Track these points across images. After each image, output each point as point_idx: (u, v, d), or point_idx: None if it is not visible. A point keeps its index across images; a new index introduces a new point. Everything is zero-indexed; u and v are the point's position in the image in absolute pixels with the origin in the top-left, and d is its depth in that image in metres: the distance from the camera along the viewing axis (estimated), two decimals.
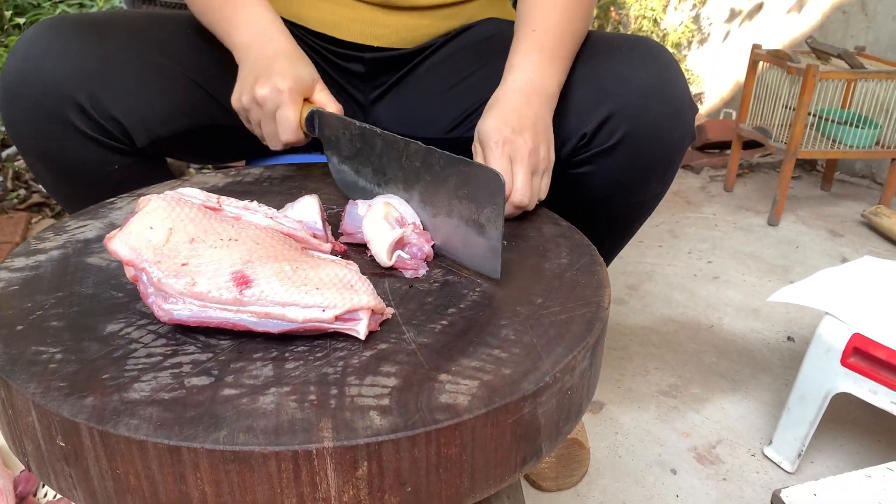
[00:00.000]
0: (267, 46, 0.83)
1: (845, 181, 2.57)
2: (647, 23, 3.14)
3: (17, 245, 1.86)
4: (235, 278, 0.53)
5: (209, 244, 0.56)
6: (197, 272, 0.53)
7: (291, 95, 0.78)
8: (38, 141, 0.84)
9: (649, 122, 0.84)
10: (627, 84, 0.84)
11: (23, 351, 0.52)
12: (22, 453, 0.52)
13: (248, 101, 0.80)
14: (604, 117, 0.84)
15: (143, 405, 0.47)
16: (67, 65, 0.82)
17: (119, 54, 0.85)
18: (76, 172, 0.87)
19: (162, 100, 0.87)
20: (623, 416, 1.32)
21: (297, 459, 0.44)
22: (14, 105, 0.83)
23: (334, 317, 0.53)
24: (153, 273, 0.53)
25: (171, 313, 0.53)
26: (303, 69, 0.81)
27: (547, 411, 0.52)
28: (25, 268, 0.65)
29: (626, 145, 0.85)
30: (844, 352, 1.09)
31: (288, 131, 0.80)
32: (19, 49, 0.83)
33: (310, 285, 0.54)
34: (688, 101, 0.86)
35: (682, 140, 0.87)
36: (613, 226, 0.97)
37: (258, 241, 0.58)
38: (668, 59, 0.86)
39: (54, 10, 3.78)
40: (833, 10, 2.61)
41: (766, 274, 1.89)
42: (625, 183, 0.89)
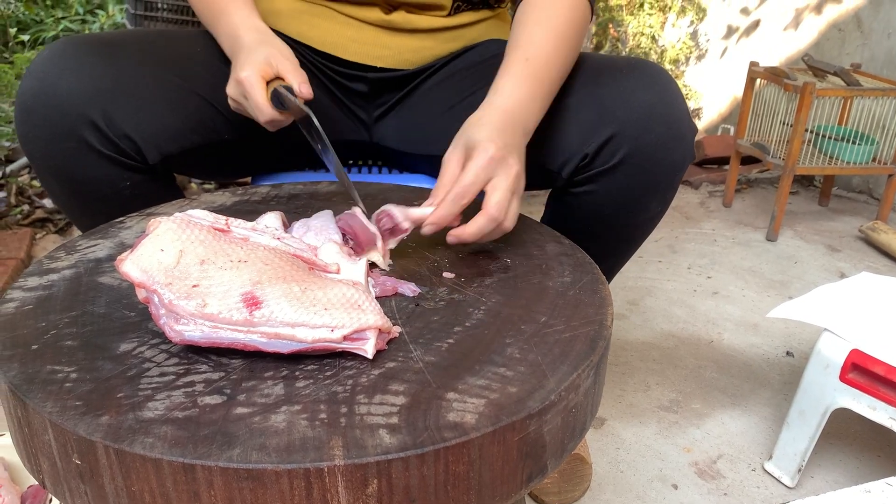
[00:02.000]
0: (236, 48, 0.89)
1: (843, 196, 2.59)
2: (645, 40, 3.17)
3: (21, 261, 1.87)
4: (245, 299, 0.55)
5: (219, 265, 0.57)
6: (208, 293, 0.54)
7: (249, 80, 0.83)
8: (53, 158, 0.86)
9: (650, 144, 0.85)
10: (629, 106, 0.85)
11: (38, 370, 0.53)
12: (37, 471, 0.53)
13: (232, 102, 0.88)
14: (605, 138, 0.85)
15: (158, 424, 0.48)
16: (82, 84, 0.83)
17: (132, 73, 0.87)
18: (89, 189, 0.88)
19: (173, 117, 0.89)
20: (624, 431, 1.33)
21: (308, 477, 0.45)
22: (29, 123, 0.84)
23: (342, 336, 0.55)
24: (164, 295, 0.54)
25: (183, 334, 0.54)
26: (259, 53, 0.85)
27: (552, 429, 0.53)
28: (39, 287, 0.66)
29: (628, 166, 0.86)
30: (843, 367, 1.10)
31: (260, 113, 0.84)
32: (35, 68, 0.84)
33: (318, 306, 0.55)
34: (688, 123, 0.88)
35: (682, 161, 0.89)
36: (615, 244, 0.98)
37: (267, 261, 0.59)
38: (668, 82, 0.88)
39: (57, 27, 3.81)
40: (829, 27, 2.64)
41: (765, 289, 1.90)
42: (626, 202, 0.90)
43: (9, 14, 3.63)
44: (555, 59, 0.86)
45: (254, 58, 0.84)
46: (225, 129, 0.95)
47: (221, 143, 0.96)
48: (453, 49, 1.07)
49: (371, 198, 0.89)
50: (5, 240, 1.97)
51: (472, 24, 1.08)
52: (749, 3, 2.94)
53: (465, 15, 1.06)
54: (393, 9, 1.01)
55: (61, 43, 0.86)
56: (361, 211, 0.74)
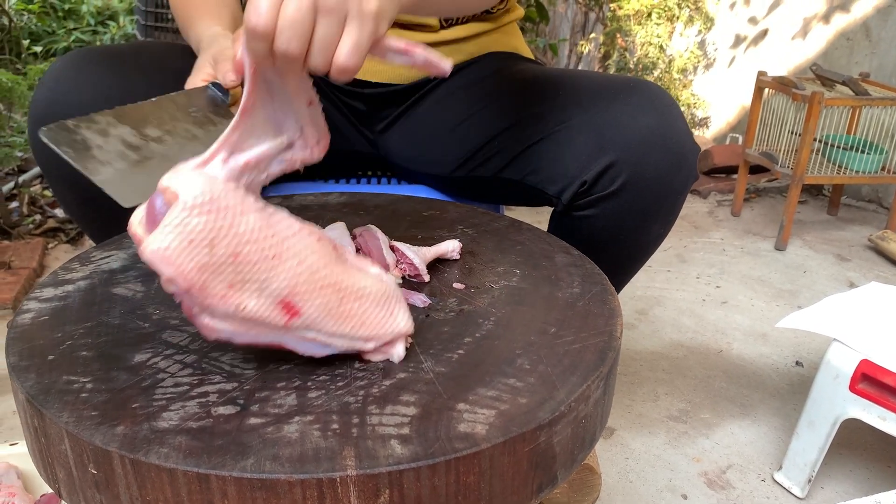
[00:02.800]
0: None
1: (852, 206, 2.59)
2: (652, 49, 3.17)
3: (33, 270, 1.89)
4: (283, 305, 0.53)
5: (253, 262, 0.53)
6: (244, 295, 0.52)
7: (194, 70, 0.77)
8: (64, 167, 0.87)
9: (651, 169, 0.85)
10: (628, 132, 0.84)
11: (55, 380, 0.54)
12: (53, 480, 0.54)
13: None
14: (604, 166, 0.85)
15: (173, 434, 0.49)
16: (93, 95, 0.85)
17: (142, 84, 0.88)
18: (101, 198, 0.89)
19: None
20: (634, 441, 1.33)
21: (321, 487, 0.46)
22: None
23: (374, 348, 0.57)
24: (199, 295, 0.51)
25: (218, 332, 0.53)
26: (202, 57, 0.80)
27: (562, 440, 0.53)
28: (54, 298, 0.67)
29: (628, 192, 0.86)
30: (853, 378, 1.10)
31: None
32: (48, 79, 0.86)
33: (355, 320, 0.56)
34: (689, 145, 0.87)
35: (684, 184, 0.88)
36: (618, 264, 0.98)
37: (300, 258, 0.55)
38: (668, 103, 0.87)
39: (69, 38, 3.84)
40: (837, 36, 2.64)
41: (773, 299, 1.90)
42: (626, 226, 0.90)
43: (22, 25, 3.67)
44: None
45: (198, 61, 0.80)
46: None
47: None
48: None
49: (381, 209, 0.90)
50: (18, 249, 1.99)
51: (469, 39, 1.07)
52: (757, 13, 2.94)
53: (458, 29, 1.05)
54: None
55: (73, 55, 0.88)
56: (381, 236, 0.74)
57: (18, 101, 2.08)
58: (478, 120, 1.00)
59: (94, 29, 4.01)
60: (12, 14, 3.48)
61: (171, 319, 0.63)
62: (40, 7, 3.89)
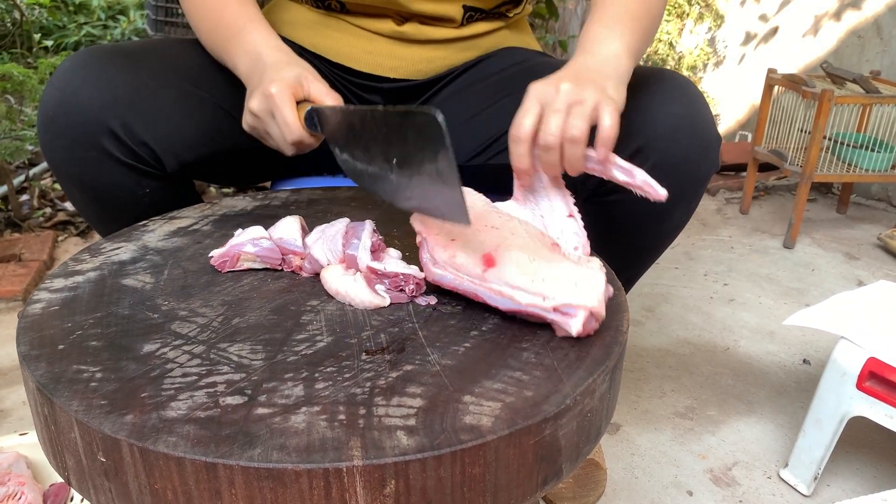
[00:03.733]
0: (257, 67, 0.85)
1: (861, 204, 2.58)
2: (662, 46, 3.16)
3: (43, 262, 1.90)
4: (485, 258, 0.64)
5: (476, 227, 0.68)
6: (459, 248, 0.65)
7: (280, 96, 0.78)
8: (74, 165, 0.88)
9: (678, 155, 0.86)
10: (656, 118, 0.85)
11: (65, 369, 0.55)
12: (62, 468, 0.54)
13: (250, 118, 0.83)
14: (633, 150, 0.86)
15: (181, 423, 0.49)
16: (102, 94, 0.85)
17: (150, 83, 0.89)
18: (109, 196, 0.90)
19: (190, 126, 0.90)
20: (639, 437, 1.33)
21: (328, 477, 0.46)
22: (51, 132, 0.86)
23: (552, 307, 0.59)
24: (429, 242, 0.67)
25: (435, 274, 0.66)
26: (288, 71, 0.81)
27: (567, 433, 0.54)
28: (64, 288, 0.67)
29: (655, 176, 0.87)
30: (860, 376, 1.09)
31: (289, 131, 0.79)
32: (58, 78, 0.86)
33: (538, 276, 0.61)
34: (714, 134, 0.89)
35: (708, 171, 0.89)
36: (638, 252, 0.99)
37: (514, 231, 0.68)
38: (695, 93, 0.89)
39: (79, 32, 3.86)
40: (848, 34, 2.63)
41: (781, 296, 1.89)
42: (652, 211, 0.91)
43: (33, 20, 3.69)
44: (643, 19, 0.87)
45: (283, 75, 0.81)
46: (241, 137, 0.97)
47: (238, 150, 0.97)
48: (467, 58, 1.08)
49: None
50: (28, 242, 2.00)
51: (487, 34, 1.08)
52: (768, 10, 2.93)
53: (477, 25, 1.07)
54: (405, 20, 1.02)
55: (83, 53, 0.88)
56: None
57: (29, 95, 2.10)
58: (498, 109, 1.01)
59: (105, 23, 4.03)
60: (24, 8, 3.49)
61: (179, 310, 0.64)
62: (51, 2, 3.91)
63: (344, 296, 0.67)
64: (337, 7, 1.03)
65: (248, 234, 0.73)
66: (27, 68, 2.15)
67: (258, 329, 0.61)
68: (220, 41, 0.92)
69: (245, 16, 0.91)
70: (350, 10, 1.03)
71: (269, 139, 0.84)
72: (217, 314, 0.64)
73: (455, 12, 1.02)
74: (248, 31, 0.89)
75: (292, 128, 0.79)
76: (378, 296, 0.66)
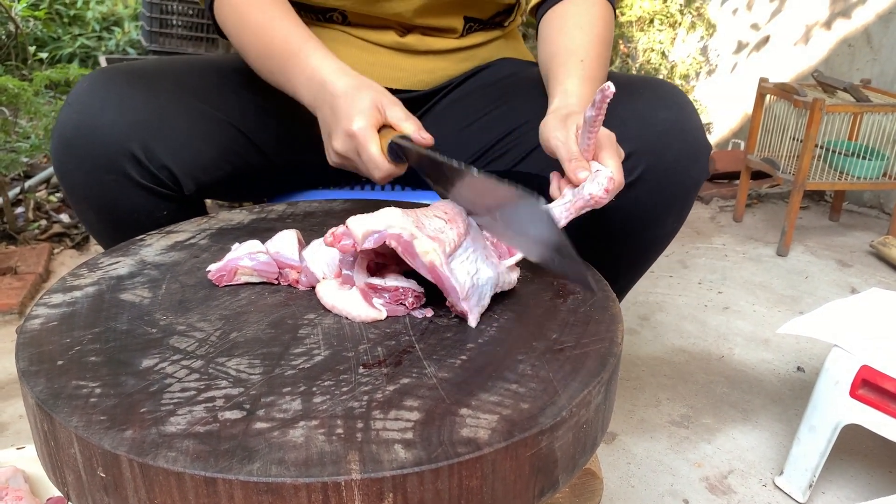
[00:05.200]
0: (324, 97, 0.82)
1: (853, 211, 2.59)
2: (655, 56, 3.18)
3: (39, 275, 1.90)
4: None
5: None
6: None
7: (362, 135, 0.77)
8: (93, 189, 0.87)
9: (669, 161, 0.87)
10: (647, 124, 0.87)
11: (64, 385, 0.55)
12: (62, 483, 0.54)
13: (337, 158, 0.82)
14: (625, 155, 0.87)
15: (180, 438, 0.49)
16: (123, 118, 0.85)
17: (169, 106, 0.89)
18: (128, 219, 0.90)
19: (209, 147, 0.91)
20: (635, 446, 1.34)
21: (326, 491, 0.46)
22: (69, 155, 0.86)
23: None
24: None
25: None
26: (364, 103, 0.79)
27: (563, 444, 0.54)
28: (63, 304, 0.68)
29: (646, 182, 0.88)
30: (853, 384, 1.10)
31: (377, 168, 0.78)
32: (75, 101, 0.86)
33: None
34: (703, 141, 0.90)
35: (698, 178, 0.90)
36: (630, 259, 1.00)
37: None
38: (685, 101, 0.90)
39: (74, 43, 3.86)
40: (839, 43, 2.65)
41: (775, 304, 1.90)
42: (643, 218, 0.92)
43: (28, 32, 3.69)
44: (600, 58, 0.90)
45: (360, 106, 0.78)
46: (256, 156, 0.98)
47: (253, 170, 0.98)
48: (466, 69, 1.09)
49: None
50: (24, 255, 2.00)
51: (484, 45, 1.10)
52: (759, 19, 2.95)
53: (476, 35, 1.09)
54: (407, 31, 1.04)
55: (99, 75, 0.88)
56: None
57: (24, 107, 2.10)
58: (494, 117, 1.02)
59: (100, 35, 4.04)
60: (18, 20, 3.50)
61: (177, 325, 0.64)
62: (46, 14, 3.92)
63: (340, 310, 0.67)
64: (339, 19, 1.04)
65: (245, 247, 0.73)
66: (22, 80, 2.15)
67: (256, 343, 0.62)
68: (274, 67, 0.89)
69: (298, 36, 0.88)
70: (352, 21, 1.04)
71: (359, 171, 0.83)
72: (215, 328, 0.64)
73: (457, 23, 1.04)
74: (305, 53, 0.86)
75: (380, 165, 0.78)
76: (374, 309, 0.66)
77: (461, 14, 1.04)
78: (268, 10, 0.90)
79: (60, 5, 4.05)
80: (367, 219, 0.64)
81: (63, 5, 4.06)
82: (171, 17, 2.86)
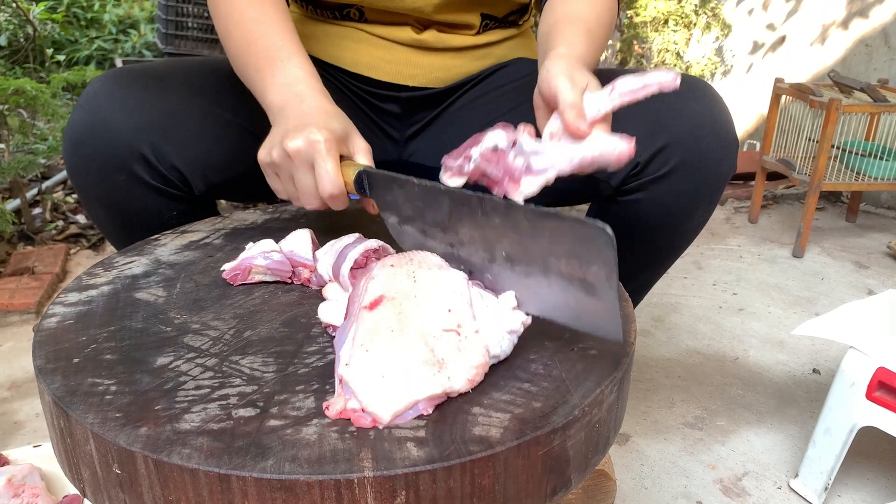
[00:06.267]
0: (300, 105, 0.79)
1: (870, 212, 2.57)
2: (670, 56, 3.17)
3: (56, 275, 1.91)
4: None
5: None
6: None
7: (328, 146, 0.71)
8: (103, 189, 0.88)
9: (701, 153, 0.88)
10: (681, 116, 0.88)
11: (80, 383, 0.56)
12: (78, 480, 0.55)
13: (279, 155, 0.74)
14: (658, 147, 0.88)
15: (194, 435, 0.50)
16: (132, 118, 0.86)
17: (179, 106, 0.89)
18: (137, 219, 0.91)
19: (218, 149, 0.92)
20: (649, 448, 1.33)
21: (339, 488, 0.47)
22: (79, 155, 0.87)
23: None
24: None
25: None
26: (337, 123, 0.75)
27: (576, 444, 0.54)
28: (79, 302, 0.68)
29: (678, 174, 0.88)
30: (869, 386, 1.09)
31: (330, 184, 0.72)
32: (86, 101, 0.87)
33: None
34: (734, 135, 0.91)
35: (728, 170, 0.92)
36: (656, 254, 1.00)
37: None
38: (716, 95, 0.91)
39: (91, 46, 3.90)
40: (856, 43, 2.63)
41: (791, 306, 1.89)
42: (673, 210, 0.92)
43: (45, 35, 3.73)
44: (606, 31, 0.89)
45: (331, 125, 0.74)
46: None
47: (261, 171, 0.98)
48: (483, 67, 1.09)
49: None
50: (41, 255, 2.02)
51: (500, 42, 1.10)
52: (775, 19, 2.94)
53: (493, 33, 1.09)
54: (424, 28, 1.04)
55: (109, 76, 0.89)
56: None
57: (42, 109, 2.12)
58: (512, 116, 1.02)
59: (116, 37, 4.07)
60: (36, 23, 3.53)
61: (192, 324, 0.65)
62: (63, 16, 3.95)
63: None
64: (356, 16, 1.04)
65: (258, 247, 0.74)
66: (40, 83, 2.17)
67: (269, 342, 0.62)
68: (252, 61, 0.86)
69: (291, 44, 0.85)
70: (369, 19, 1.04)
71: (287, 183, 0.76)
72: (229, 327, 0.65)
73: (474, 19, 1.04)
74: (293, 63, 0.83)
75: (334, 181, 0.72)
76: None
77: (478, 10, 1.04)
78: (264, 8, 0.88)
79: (78, 8, 4.09)
80: (392, 399, 0.52)
81: (80, 8, 4.10)
82: (187, 20, 2.88)
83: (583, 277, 0.56)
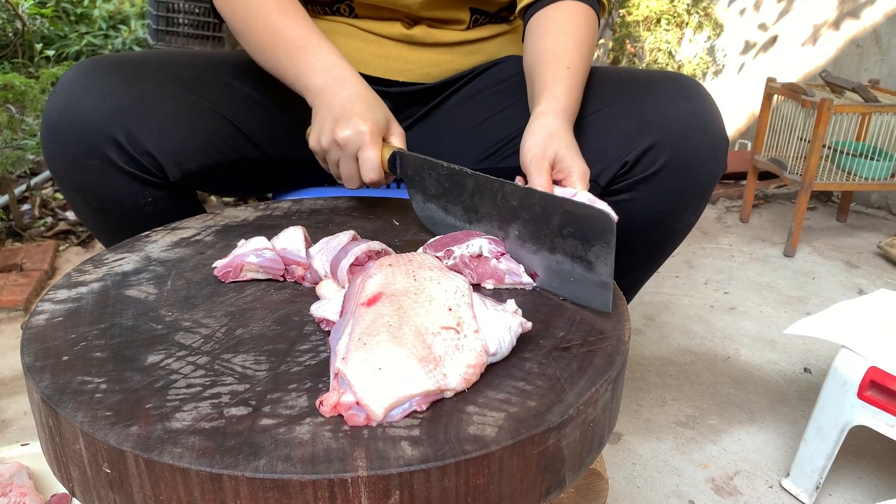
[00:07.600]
0: (342, 91, 0.84)
1: (861, 212, 2.58)
2: (661, 55, 3.17)
3: (45, 272, 1.90)
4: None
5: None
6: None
7: (372, 137, 0.79)
8: (77, 175, 0.88)
9: (689, 152, 0.88)
10: (669, 115, 0.87)
11: (69, 381, 0.55)
12: (67, 479, 0.54)
13: (329, 143, 0.82)
14: (647, 146, 0.87)
15: (186, 434, 0.49)
16: (105, 103, 0.86)
17: (153, 92, 0.89)
18: (112, 205, 0.90)
19: (193, 136, 0.91)
20: (641, 446, 1.33)
21: (332, 487, 0.46)
22: (55, 141, 0.86)
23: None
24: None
25: None
26: (379, 112, 0.83)
27: (570, 443, 0.54)
28: (68, 300, 0.67)
29: (667, 173, 0.88)
30: (861, 385, 1.09)
31: (372, 171, 0.80)
32: (61, 88, 0.87)
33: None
34: (723, 134, 0.90)
35: (717, 170, 0.91)
36: (647, 252, 1.00)
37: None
38: (705, 94, 0.91)
39: (80, 41, 3.87)
40: (847, 43, 2.64)
41: (782, 305, 1.89)
42: (663, 210, 0.92)
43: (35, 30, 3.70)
44: (584, 66, 0.91)
45: (375, 115, 0.82)
46: (244, 147, 0.97)
47: (240, 161, 0.97)
48: (473, 63, 1.09)
49: (390, 213, 0.91)
50: (30, 252, 2.00)
51: (490, 39, 1.10)
52: (767, 19, 2.94)
53: (483, 29, 1.08)
54: (414, 23, 1.04)
55: (86, 63, 0.89)
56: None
57: (31, 105, 2.10)
58: (506, 114, 1.02)
59: (106, 33, 4.04)
60: (25, 18, 3.51)
61: (183, 321, 0.64)
62: (53, 11, 3.93)
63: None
64: (346, 11, 1.04)
65: (251, 244, 0.73)
66: (29, 78, 2.16)
67: (261, 340, 0.62)
68: (282, 50, 0.89)
69: (316, 32, 0.90)
70: (359, 14, 1.04)
71: (333, 167, 0.85)
72: (220, 325, 0.64)
73: (463, 15, 1.04)
74: (323, 49, 0.88)
75: (375, 169, 0.80)
76: None
77: (467, 6, 1.04)
78: (281, 0, 0.91)
79: (67, 3, 4.06)
80: (386, 393, 0.52)
81: (70, 3, 4.07)
82: (178, 16, 2.86)
83: (583, 256, 0.66)
